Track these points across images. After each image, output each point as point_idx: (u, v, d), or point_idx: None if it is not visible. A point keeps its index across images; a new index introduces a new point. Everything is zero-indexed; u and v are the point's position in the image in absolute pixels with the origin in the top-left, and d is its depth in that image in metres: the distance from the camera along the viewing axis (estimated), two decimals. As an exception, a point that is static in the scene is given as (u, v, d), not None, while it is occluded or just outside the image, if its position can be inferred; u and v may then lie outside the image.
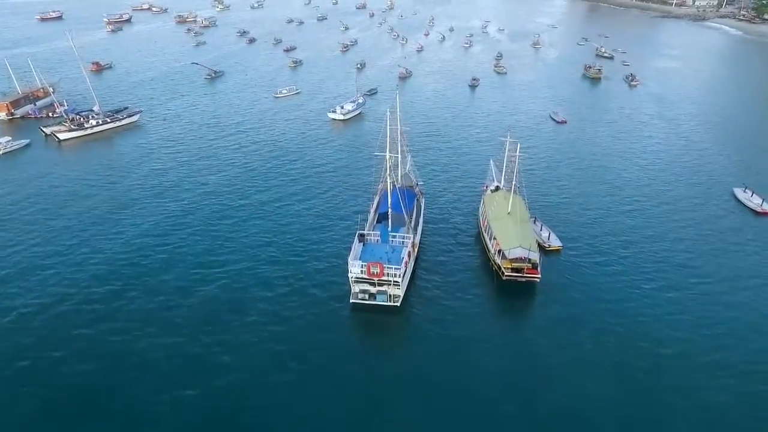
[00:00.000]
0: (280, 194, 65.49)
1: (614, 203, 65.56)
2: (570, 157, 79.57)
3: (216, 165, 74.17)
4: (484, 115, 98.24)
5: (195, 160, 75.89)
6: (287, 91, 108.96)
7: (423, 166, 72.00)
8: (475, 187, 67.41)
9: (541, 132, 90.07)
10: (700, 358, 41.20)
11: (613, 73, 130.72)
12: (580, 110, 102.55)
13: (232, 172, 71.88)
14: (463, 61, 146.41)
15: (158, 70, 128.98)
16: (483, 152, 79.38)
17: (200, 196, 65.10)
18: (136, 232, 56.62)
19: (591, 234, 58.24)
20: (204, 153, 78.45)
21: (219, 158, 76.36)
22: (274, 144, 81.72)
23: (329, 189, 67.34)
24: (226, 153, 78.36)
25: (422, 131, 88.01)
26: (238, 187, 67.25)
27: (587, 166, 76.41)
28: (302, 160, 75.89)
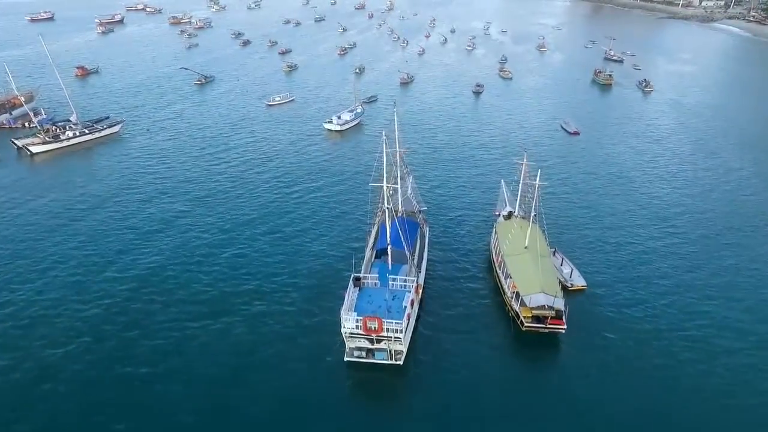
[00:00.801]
0: (267, 225, 57.33)
1: (643, 231, 57.88)
2: (587, 173, 72.16)
3: (198, 187, 66.45)
4: (490, 126, 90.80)
5: (175, 182, 68.20)
6: (280, 98, 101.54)
7: (426, 185, 64.86)
8: (485, 211, 60.07)
9: (552, 145, 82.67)
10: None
11: (625, 79, 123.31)
12: (593, 120, 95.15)
13: (216, 196, 64.15)
14: (467, 64, 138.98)
15: (147, 74, 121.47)
16: (492, 170, 72.14)
17: (178, 228, 56.79)
18: (108, 275, 49.38)
19: (619, 270, 50.82)
20: (187, 172, 70.81)
21: (202, 179, 68.30)
22: (263, 162, 73.71)
23: (322, 219, 58.91)
24: (210, 173, 70.56)
25: (425, 145, 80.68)
26: (221, 215, 59.19)
27: (607, 185, 68.92)
28: (294, 181, 67.82)
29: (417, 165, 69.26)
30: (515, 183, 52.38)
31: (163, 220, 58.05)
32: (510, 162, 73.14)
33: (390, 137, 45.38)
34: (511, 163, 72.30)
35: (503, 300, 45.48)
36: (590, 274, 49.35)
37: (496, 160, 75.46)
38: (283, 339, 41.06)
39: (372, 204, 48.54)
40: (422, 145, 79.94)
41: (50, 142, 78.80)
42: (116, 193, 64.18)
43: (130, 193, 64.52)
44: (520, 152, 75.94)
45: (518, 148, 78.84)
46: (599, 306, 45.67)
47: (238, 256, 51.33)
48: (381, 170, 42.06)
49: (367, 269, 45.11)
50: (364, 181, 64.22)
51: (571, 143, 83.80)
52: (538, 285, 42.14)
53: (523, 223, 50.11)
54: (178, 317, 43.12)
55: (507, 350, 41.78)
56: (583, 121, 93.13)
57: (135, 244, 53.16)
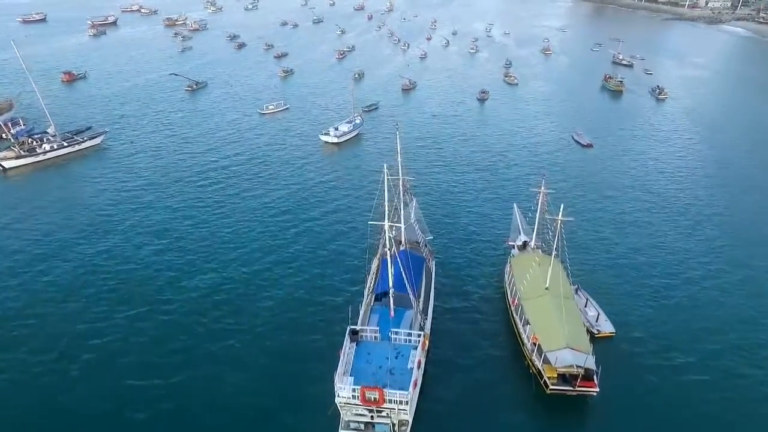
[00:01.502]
0: (252, 259, 50.42)
1: (676, 264, 51.55)
2: (605, 194, 65.81)
3: (183, 208, 60.28)
4: (498, 139, 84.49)
5: (157, 200, 62.13)
6: (274, 106, 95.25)
7: (430, 208, 58.57)
8: (496, 240, 53.90)
9: (565, 159, 76.42)
10: None
11: (636, 84, 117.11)
12: (606, 130, 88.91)
13: (200, 220, 57.81)
14: (470, 69, 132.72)
15: (136, 80, 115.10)
16: (503, 191, 65.80)
17: (150, 264, 50.14)
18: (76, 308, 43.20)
19: (652, 310, 44.66)
20: (170, 188, 64.66)
21: (186, 200, 61.96)
22: (253, 183, 66.57)
23: (317, 256, 51.06)
24: (196, 190, 64.47)
25: (428, 162, 74.28)
26: (203, 244, 52.54)
27: (629, 208, 62.44)
28: (287, 208, 60.50)
29: (420, 185, 63.03)
30: (532, 212, 46.18)
31: (126, 258, 50.84)
32: (522, 181, 67.67)
33: (392, 164, 39.43)
34: (524, 183, 67.10)
35: (522, 351, 39.37)
36: (617, 315, 43.22)
37: (506, 180, 68.99)
38: (260, 417, 34.32)
39: (371, 238, 42.48)
40: (426, 163, 73.60)
41: (25, 156, 72.59)
42: (87, 223, 57.44)
43: (103, 218, 58.27)
44: (532, 171, 70.87)
45: (530, 166, 73.20)
46: (633, 357, 39.54)
47: (219, 300, 45.05)
48: (382, 206, 35.92)
49: (366, 317, 38.97)
50: (364, 207, 58.11)
51: (585, 157, 77.57)
52: (564, 339, 36.01)
53: (541, 258, 44.01)
54: (147, 364, 37.06)
55: (528, 414, 35.64)
56: (596, 132, 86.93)
57: (98, 286, 46.75)
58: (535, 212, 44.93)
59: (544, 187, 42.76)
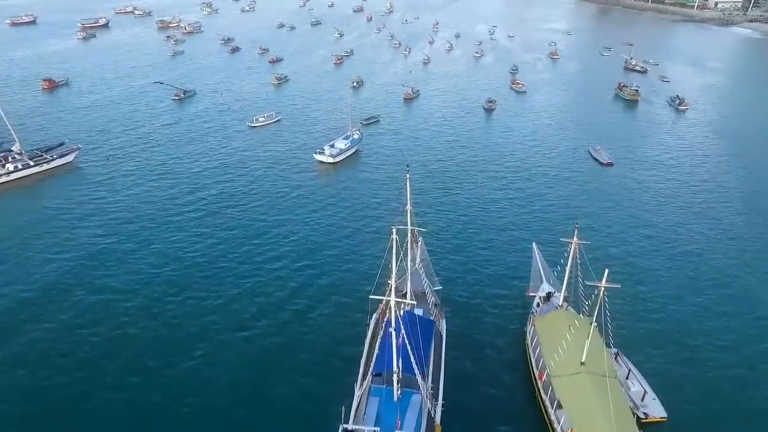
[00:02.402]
0: (225, 318, 41.73)
1: (731, 319, 43.25)
2: (633, 225, 57.54)
3: (157, 237, 52.50)
4: (509, 155, 76.23)
5: (129, 229, 54.25)
6: (265, 118, 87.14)
7: (434, 245, 50.38)
8: (514, 287, 45.85)
9: (584, 181, 68.20)
10: None
11: (653, 93, 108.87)
12: (626, 146, 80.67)
13: (173, 258, 49.88)
14: (475, 75, 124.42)
15: (120, 88, 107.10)
16: (518, 220, 57.68)
17: (114, 320, 43.02)
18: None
19: (711, 388, 36.68)
20: (146, 215, 56.65)
21: (160, 233, 53.88)
22: (235, 215, 57.33)
23: (304, 325, 41.09)
24: (173, 219, 56.47)
25: (432, 184, 65.95)
26: (171, 306, 43.27)
27: (665, 242, 53.85)
28: (274, 252, 50.22)
29: (424, 214, 55.07)
30: (560, 265, 38.13)
31: (96, 305, 43.58)
32: (539, 210, 59.66)
33: (399, 211, 31.63)
34: (541, 212, 59.24)
35: (553, 442, 31.53)
36: (668, 391, 35.22)
37: (521, 208, 60.39)
38: None
39: (371, 305, 34.53)
40: (430, 187, 65.37)
41: (-15, 178, 64.93)
42: (46, 251, 49.92)
43: (66, 245, 50.48)
44: (549, 197, 62.12)
45: (547, 191, 65.03)
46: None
47: (189, 370, 37.06)
48: (387, 270, 28.08)
49: (363, 403, 31.07)
50: (361, 252, 50.11)
51: (606, 178, 69.43)
52: (609, 436, 28.17)
53: (573, 321, 36.01)
54: None
55: None
56: (615, 148, 78.75)
57: (56, 329, 38.99)
58: (565, 266, 36.98)
59: (577, 238, 34.80)
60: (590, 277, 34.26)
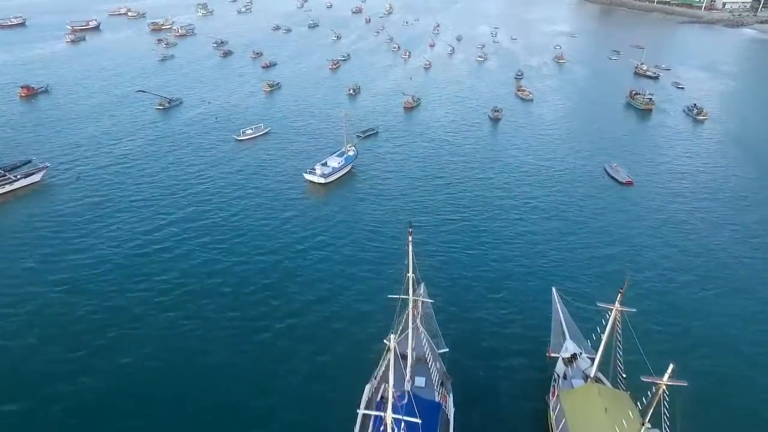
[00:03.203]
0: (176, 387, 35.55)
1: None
2: (671, 257, 50.07)
3: (115, 289, 45.22)
4: (518, 173, 68.72)
5: (96, 262, 47.19)
6: (253, 131, 79.94)
7: (436, 289, 43.20)
8: (531, 343, 38.75)
9: (604, 203, 60.95)
10: None
11: (667, 102, 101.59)
12: (645, 162, 73.47)
13: (138, 302, 43.10)
14: (479, 81, 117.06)
15: (103, 96, 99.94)
16: (531, 251, 50.44)
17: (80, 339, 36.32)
18: None
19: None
20: (108, 255, 49.43)
21: (120, 283, 45.99)
22: (210, 257, 49.29)
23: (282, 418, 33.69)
24: (137, 259, 49.26)
25: (433, 210, 58.80)
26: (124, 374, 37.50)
27: (703, 277, 46.70)
28: (252, 307, 42.22)
29: (424, 249, 48.00)
30: (585, 318, 31.14)
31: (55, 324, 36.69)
32: (554, 242, 52.38)
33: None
34: (555, 242, 51.96)
35: None
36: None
37: (538, 248, 51.62)
38: None
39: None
40: (430, 212, 58.41)
41: (-60, 203, 57.89)
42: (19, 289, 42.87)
43: (26, 278, 43.46)
44: (566, 225, 54.48)
45: (563, 215, 57.78)
46: None
47: None
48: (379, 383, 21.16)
49: None
50: (354, 309, 42.18)
51: (626, 199, 62.26)
52: None
53: (610, 400, 29.00)
54: None
55: None
56: (633, 164, 71.64)
57: None
58: (600, 334, 29.93)
59: (620, 304, 27.73)
60: (632, 347, 27.43)
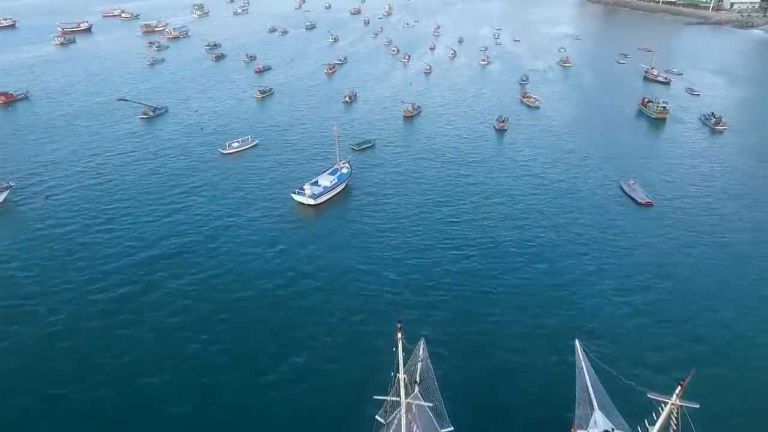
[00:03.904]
0: None
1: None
2: (711, 295, 44.10)
3: (85, 318, 39.38)
4: (528, 195, 61.86)
5: (63, 291, 41.09)
6: (239, 143, 73.62)
7: (435, 351, 37.04)
8: (552, 408, 32.57)
9: (623, 228, 54.33)
10: None
11: (681, 109, 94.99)
12: (664, 179, 66.87)
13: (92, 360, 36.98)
14: (483, 87, 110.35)
15: (84, 103, 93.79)
16: (551, 307, 42.86)
17: None
18: None
19: None
20: (64, 294, 43.33)
21: (72, 332, 40.88)
22: (183, 292, 43.67)
23: None
24: (96, 298, 43.22)
25: (436, 242, 52.20)
26: None
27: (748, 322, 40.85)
28: (229, 358, 37.15)
29: (428, 295, 41.74)
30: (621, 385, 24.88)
31: None
32: (577, 280, 45.77)
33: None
34: (577, 276, 45.02)
35: None
36: None
37: (553, 286, 44.90)
38: None
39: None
40: (432, 245, 52.09)
41: None
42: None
43: None
44: (586, 258, 46.69)
45: (582, 247, 51.11)
46: None
47: None
48: None
49: None
50: (341, 364, 35.46)
51: (648, 223, 55.78)
52: None
53: None
54: None
55: None
56: (650, 181, 65.18)
57: None
58: (649, 425, 23.67)
59: (680, 399, 21.50)
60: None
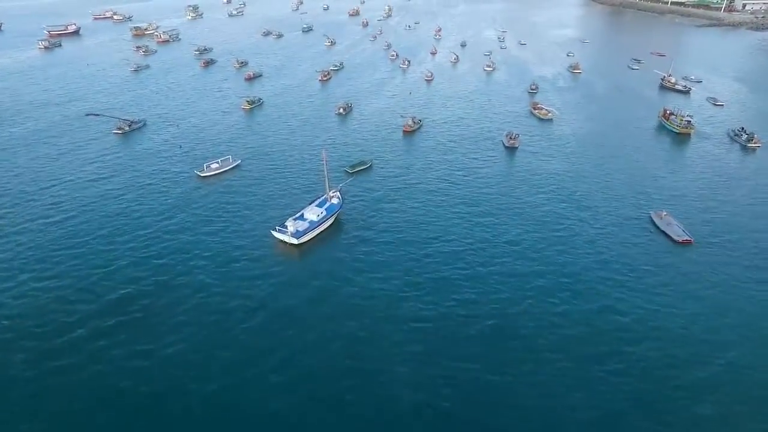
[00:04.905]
0: None
1: None
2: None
3: None
4: (546, 230, 52.90)
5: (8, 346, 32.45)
6: (219, 164, 64.75)
7: None
8: None
9: (664, 277, 45.31)
10: None
11: (706, 123, 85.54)
12: (700, 210, 57.79)
13: None
14: (489, 96, 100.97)
15: (55, 118, 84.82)
16: (583, 376, 34.68)
17: None
18: None
19: None
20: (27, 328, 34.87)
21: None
22: (132, 339, 36.87)
23: None
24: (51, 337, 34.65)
25: (444, 290, 43.49)
26: None
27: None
28: None
29: (433, 369, 32.99)
30: None
31: None
32: (620, 354, 36.78)
33: None
34: (617, 347, 35.97)
35: None
36: None
37: (586, 360, 36.51)
38: None
39: None
40: (442, 306, 43.29)
41: None
42: None
43: None
44: (620, 321, 36.02)
45: (614, 304, 42.16)
46: None
47: None
48: None
49: None
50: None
51: (690, 266, 46.74)
52: None
53: None
54: None
55: None
56: (686, 212, 56.29)
57: None
58: None
59: None
60: None
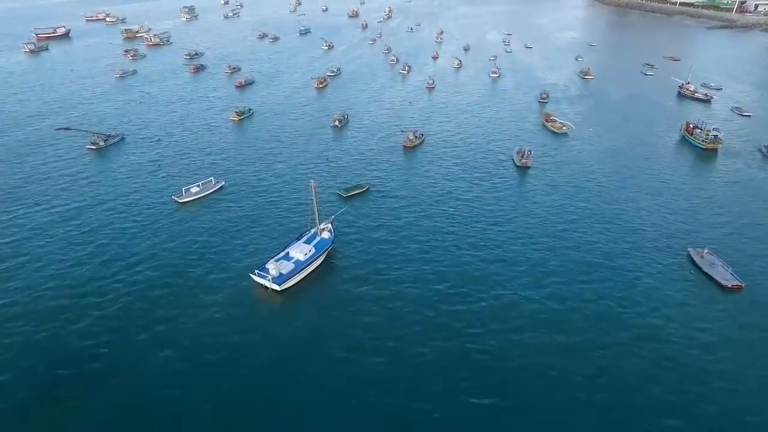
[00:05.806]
0: None
1: None
2: None
3: None
4: (566, 273, 45.34)
5: None
6: (200, 188, 56.93)
7: None
8: None
9: (714, 336, 38.05)
10: None
11: (733, 136, 77.38)
12: (739, 241, 50.45)
13: None
14: (496, 106, 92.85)
15: (24, 130, 77.31)
16: None
17: None
18: None
19: None
20: None
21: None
22: None
23: None
24: None
25: (452, 355, 35.85)
26: None
27: None
28: None
29: None
30: None
31: None
32: None
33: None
34: None
35: None
36: None
37: None
38: None
39: None
40: (450, 377, 35.75)
41: None
42: None
43: None
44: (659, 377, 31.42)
45: (650, 368, 34.61)
46: None
47: None
48: None
49: None
50: None
51: (745, 317, 39.41)
52: None
53: None
54: None
55: None
56: (728, 249, 48.66)
57: None
58: None
59: None
60: None
